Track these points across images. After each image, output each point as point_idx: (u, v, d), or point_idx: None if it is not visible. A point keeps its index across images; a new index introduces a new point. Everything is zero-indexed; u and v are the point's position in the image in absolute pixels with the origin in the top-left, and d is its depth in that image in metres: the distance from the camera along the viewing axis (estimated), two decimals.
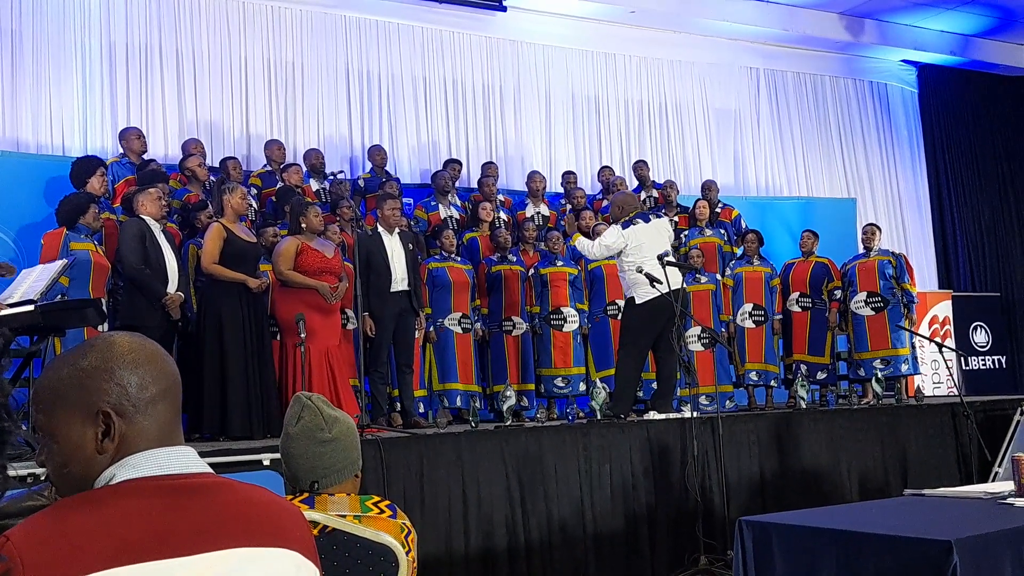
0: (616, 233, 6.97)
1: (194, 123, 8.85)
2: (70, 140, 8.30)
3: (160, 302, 5.88)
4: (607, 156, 10.84)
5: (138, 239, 5.91)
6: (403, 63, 10.01)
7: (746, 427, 6.74)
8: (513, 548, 5.60)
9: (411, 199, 8.79)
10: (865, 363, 8.34)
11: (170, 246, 6.13)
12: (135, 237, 5.92)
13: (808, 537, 3.45)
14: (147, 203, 6.09)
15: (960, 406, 7.46)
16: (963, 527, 3.23)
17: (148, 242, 5.95)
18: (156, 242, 6.01)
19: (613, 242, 6.97)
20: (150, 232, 6.01)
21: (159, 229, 6.10)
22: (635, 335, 6.89)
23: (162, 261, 6.00)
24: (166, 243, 6.10)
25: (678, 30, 11.25)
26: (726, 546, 5.85)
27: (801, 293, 8.54)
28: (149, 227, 6.02)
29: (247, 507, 1.39)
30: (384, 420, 6.65)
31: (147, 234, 5.98)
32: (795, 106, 12.13)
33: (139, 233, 5.94)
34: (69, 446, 1.37)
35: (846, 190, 12.20)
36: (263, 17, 9.40)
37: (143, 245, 5.91)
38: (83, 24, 8.50)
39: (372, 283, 6.77)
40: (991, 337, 11.54)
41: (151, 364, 1.41)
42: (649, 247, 6.83)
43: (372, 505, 2.31)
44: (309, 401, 2.41)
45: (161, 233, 6.10)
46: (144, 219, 6.04)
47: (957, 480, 7.13)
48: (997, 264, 12.75)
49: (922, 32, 12.15)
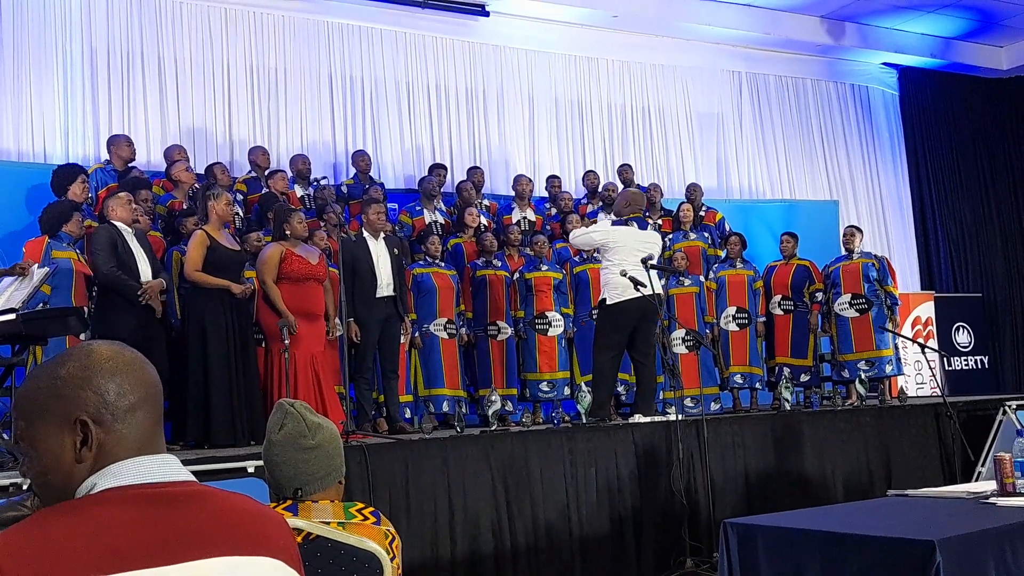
0: (604, 229, 7.00)
1: (177, 129, 8.81)
2: (52, 147, 8.25)
3: (138, 298, 5.79)
4: (591, 160, 10.86)
5: (109, 245, 5.84)
6: (386, 68, 10.00)
7: (731, 429, 6.76)
8: (499, 552, 5.60)
9: (396, 204, 8.78)
10: (849, 364, 8.37)
11: (143, 251, 6.04)
12: (105, 242, 5.84)
13: (793, 538, 3.46)
14: (117, 208, 6.01)
15: (943, 406, 7.51)
16: (946, 527, 3.25)
17: (120, 248, 5.88)
18: (128, 247, 5.93)
19: (596, 236, 7.02)
20: (121, 237, 5.93)
21: (131, 234, 6.01)
22: (607, 336, 6.93)
23: (134, 265, 5.92)
24: (139, 247, 6.01)
25: (661, 34, 11.28)
26: (712, 548, 5.86)
27: (783, 296, 8.58)
28: (120, 232, 5.95)
29: (230, 515, 1.39)
30: (369, 426, 6.65)
31: (118, 240, 5.90)
32: (777, 109, 12.18)
33: (109, 239, 5.86)
34: (48, 455, 1.37)
35: (828, 192, 12.25)
36: (246, 22, 9.37)
37: (114, 251, 5.84)
38: (64, 30, 8.45)
39: (357, 289, 6.76)
40: (973, 338, 11.61)
41: (129, 371, 1.41)
42: (630, 251, 6.84)
43: (356, 512, 2.30)
44: (292, 408, 2.41)
45: (133, 238, 6.01)
46: (115, 225, 5.96)
47: (940, 480, 7.17)
48: (979, 265, 12.82)
49: (902, 35, 12.22)
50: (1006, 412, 7.49)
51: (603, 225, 7.06)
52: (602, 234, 6.99)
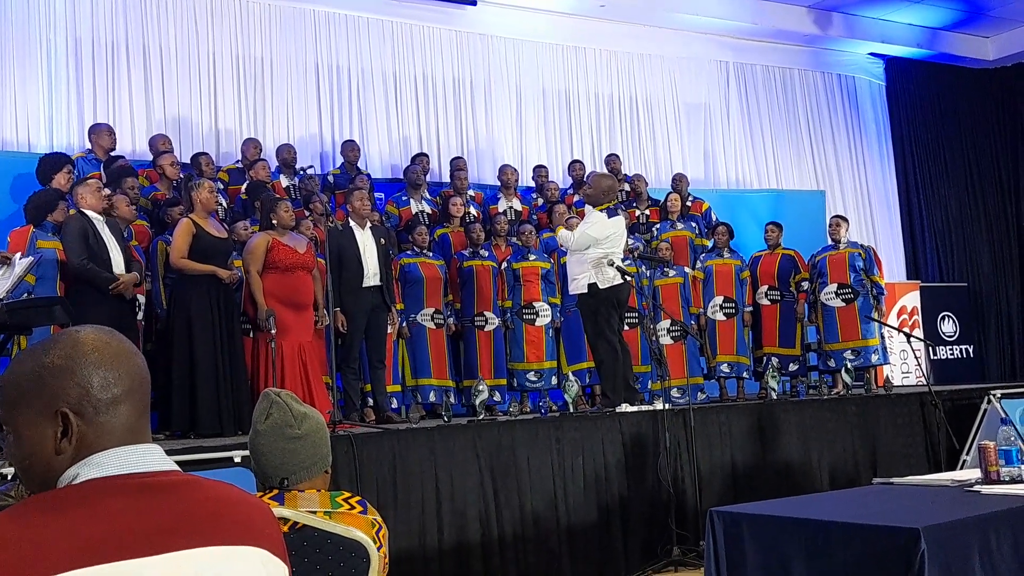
0: (604, 224, 6.84)
1: (162, 119, 8.75)
2: (36, 137, 8.20)
3: (110, 289, 5.74)
4: (577, 150, 10.85)
5: (79, 235, 5.75)
6: (373, 58, 9.96)
7: (718, 419, 6.78)
8: (486, 542, 5.61)
9: (382, 194, 8.76)
10: (835, 354, 8.40)
11: (115, 240, 5.95)
12: (76, 233, 5.76)
13: (778, 527, 3.47)
14: (87, 195, 5.92)
15: (928, 395, 7.54)
16: (931, 515, 3.27)
17: (91, 237, 5.79)
18: (99, 236, 5.85)
19: (601, 233, 6.79)
20: (92, 226, 5.84)
21: (102, 222, 5.92)
22: (607, 320, 6.83)
23: (106, 255, 5.84)
24: (110, 235, 5.92)
25: (648, 24, 11.27)
26: (698, 537, 5.89)
27: (770, 287, 8.61)
28: (91, 221, 5.86)
29: (214, 505, 1.38)
30: (357, 416, 6.64)
31: (89, 229, 5.81)
32: (764, 99, 12.18)
33: (80, 229, 5.77)
34: (29, 443, 1.36)
35: (815, 182, 12.28)
36: (231, 12, 9.31)
37: (85, 241, 5.75)
38: (49, 19, 8.38)
39: (344, 278, 6.74)
40: (959, 327, 11.66)
41: (116, 362, 1.40)
42: (618, 240, 6.85)
43: (342, 501, 2.30)
44: (278, 397, 2.40)
45: (104, 226, 5.93)
46: (86, 214, 5.87)
47: (926, 468, 7.20)
48: (964, 255, 12.87)
49: (889, 25, 12.24)
50: (991, 401, 7.53)
51: (596, 217, 6.91)
52: (602, 228, 6.85)
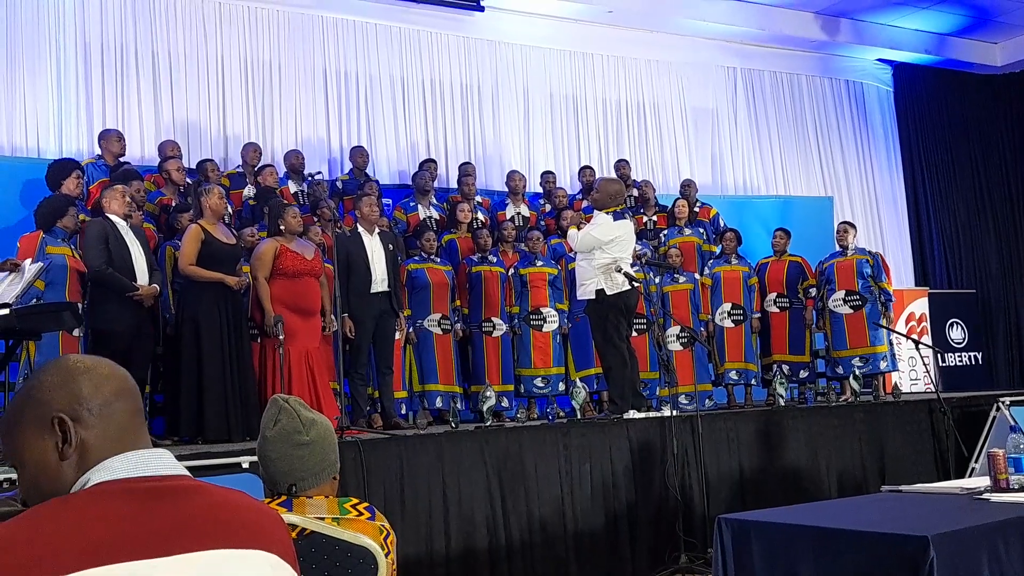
0: (609, 226, 6.80)
1: (171, 124, 8.78)
2: (45, 142, 8.22)
3: (130, 295, 5.76)
4: (585, 156, 10.85)
5: (100, 239, 5.80)
6: (381, 63, 9.98)
7: (725, 425, 6.77)
8: (494, 548, 5.60)
9: (390, 200, 8.77)
10: (843, 361, 8.38)
11: (139, 244, 6.00)
12: (97, 237, 5.81)
13: (786, 534, 3.46)
14: (112, 201, 5.98)
15: (937, 403, 7.51)
16: (940, 523, 3.25)
17: (112, 241, 5.83)
18: (122, 240, 5.89)
19: (605, 235, 6.76)
20: (115, 230, 5.89)
21: (125, 227, 5.97)
22: (616, 327, 6.80)
23: (129, 259, 5.88)
24: (134, 240, 5.97)
25: (655, 30, 11.27)
26: (706, 544, 5.88)
27: (778, 294, 8.60)
28: (114, 225, 5.91)
29: (223, 510, 1.39)
30: (364, 422, 6.64)
31: (111, 233, 5.86)
32: (772, 105, 12.18)
33: (101, 233, 5.82)
34: (34, 463, 1.39)
35: (823, 188, 12.26)
36: (240, 17, 9.34)
37: (105, 245, 5.80)
38: (58, 24, 8.42)
39: (352, 284, 6.74)
40: (967, 334, 11.62)
41: (101, 368, 1.44)
42: (626, 245, 6.83)
43: (350, 507, 2.30)
44: (286, 404, 2.41)
45: (128, 231, 5.97)
46: (109, 218, 5.93)
47: (934, 476, 7.18)
48: (973, 261, 12.84)
49: (897, 31, 12.23)
50: (1000, 408, 7.50)
51: (602, 219, 6.91)
52: (609, 231, 6.84)
